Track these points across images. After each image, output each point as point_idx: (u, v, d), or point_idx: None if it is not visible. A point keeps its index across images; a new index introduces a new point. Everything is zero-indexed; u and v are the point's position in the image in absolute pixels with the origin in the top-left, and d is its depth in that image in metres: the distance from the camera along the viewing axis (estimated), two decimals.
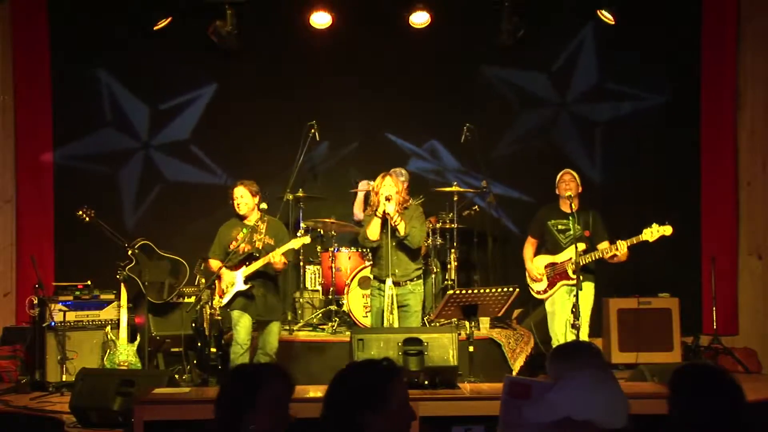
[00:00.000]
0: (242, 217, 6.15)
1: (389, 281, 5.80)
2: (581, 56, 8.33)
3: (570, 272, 5.95)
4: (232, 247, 6.05)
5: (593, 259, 6.01)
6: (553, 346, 6.04)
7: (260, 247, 6.05)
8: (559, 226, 6.13)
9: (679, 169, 8.19)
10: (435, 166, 8.41)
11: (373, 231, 5.86)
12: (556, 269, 6.09)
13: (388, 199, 5.75)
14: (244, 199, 6.09)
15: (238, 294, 6.02)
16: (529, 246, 6.30)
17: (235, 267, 6.06)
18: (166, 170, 8.34)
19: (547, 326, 6.38)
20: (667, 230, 5.94)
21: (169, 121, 8.33)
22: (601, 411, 2.27)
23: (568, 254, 6.01)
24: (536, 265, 6.17)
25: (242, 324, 6.00)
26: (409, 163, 8.21)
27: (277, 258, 5.89)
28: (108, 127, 8.26)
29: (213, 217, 7.20)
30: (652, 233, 5.91)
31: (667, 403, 2.68)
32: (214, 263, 6.17)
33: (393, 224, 5.77)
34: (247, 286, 6.00)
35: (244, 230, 6.08)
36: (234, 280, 6.02)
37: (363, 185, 7.75)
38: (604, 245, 6.05)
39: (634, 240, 5.96)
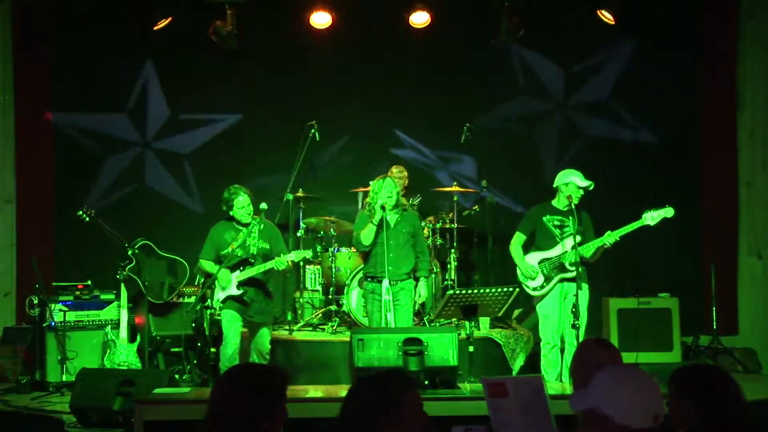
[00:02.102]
0: (237, 222, 6.05)
1: (386, 282, 5.81)
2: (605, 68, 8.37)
3: (567, 264, 5.90)
4: (225, 251, 5.96)
5: (594, 249, 5.93)
6: (543, 349, 6.06)
7: (255, 252, 5.99)
8: (555, 222, 6.07)
9: (679, 169, 8.20)
10: (434, 164, 8.42)
11: (368, 237, 5.89)
12: (552, 263, 6.02)
13: (383, 208, 5.81)
14: (250, 207, 6.00)
15: (229, 297, 5.96)
16: (517, 244, 6.18)
17: (229, 269, 5.98)
18: (150, 174, 8.30)
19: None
20: (669, 212, 5.77)
21: (179, 133, 8.32)
22: (629, 408, 2.25)
23: (562, 248, 5.96)
24: (529, 263, 6.11)
25: (233, 326, 5.95)
26: (409, 162, 8.20)
27: (279, 265, 5.89)
28: (122, 113, 8.26)
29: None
30: (653, 217, 5.77)
31: (666, 403, 2.68)
32: (207, 264, 6.10)
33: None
34: (240, 292, 5.94)
35: (242, 233, 5.99)
36: (228, 283, 5.95)
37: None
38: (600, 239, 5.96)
39: (635, 225, 5.80)
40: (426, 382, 4.91)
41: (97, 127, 8.23)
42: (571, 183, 5.94)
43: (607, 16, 7.82)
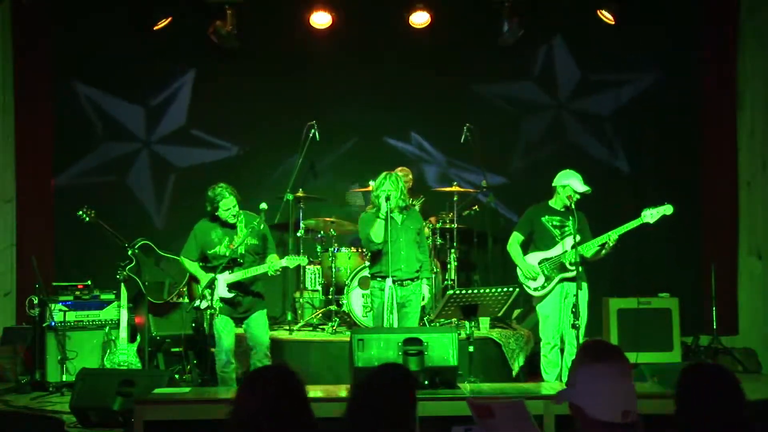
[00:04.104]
0: (224, 223, 5.88)
1: (389, 280, 5.80)
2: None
3: (567, 264, 5.91)
4: (212, 251, 5.86)
5: (595, 248, 5.92)
6: (543, 349, 6.06)
7: (243, 252, 5.87)
8: (554, 222, 6.08)
9: (679, 169, 8.20)
10: (434, 165, 8.42)
11: (378, 233, 5.85)
12: (552, 263, 6.03)
13: (387, 199, 5.78)
14: (236, 208, 5.83)
15: (220, 300, 5.78)
16: (516, 243, 6.20)
17: (213, 269, 5.82)
18: (135, 172, 8.23)
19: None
20: (668, 209, 5.79)
21: (181, 145, 8.28)
22: (597, 402, 2.42)
23: (562, 247, 5.97)
24: (530, 264, 6.12)
25: (225, 330, 5.82)
26: (409, 162, 8.20)
27: (272, 271, 5.82)
28: (142, 106, 8.24)
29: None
30: (652, 215, 5.79)
31: (675, 402, 2.70)
32: (189, 263, 5.94)
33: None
34: (232, 295, 5.83)
35: (242, 233, 5.86)
36: (215, 284, 5.74)
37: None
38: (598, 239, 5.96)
39: (634, 223, 5.81)
40: (426, 382, 4.91)
41: (108, 108, 8.19)
42: (569, 186, 5.95)
43: (607, 16, 7.82)
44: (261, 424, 2.49)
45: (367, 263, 6.80)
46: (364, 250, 6.95)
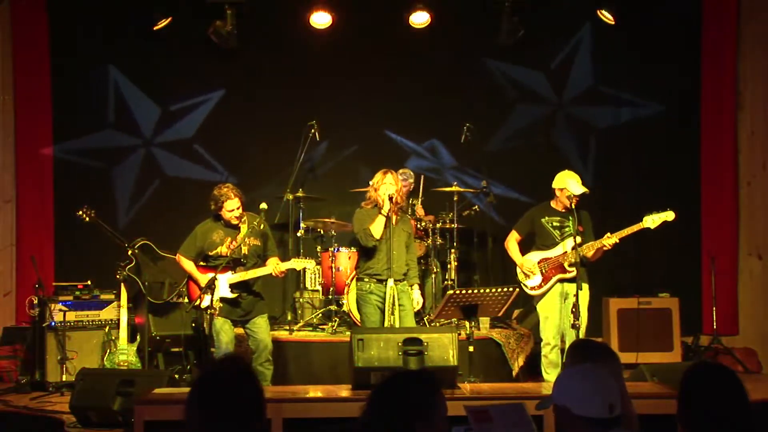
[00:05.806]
0: (227, 223, 5.89)
1: (390, 281, 5.81)
2: (578, 57, 8.36)
3: (566, 265, 5.92)
4: (214, 252, 5.86)
5: (594, 249, 5.93)
6: (544, 349, 6.06)
7: (246, 252, 5.87)
8: (554, 223, 6.08)
9: (679, 169, 8.20)
10: (435, 166, 8.41)
11: (378, 229, 5.87)
12: (551, 263, 6.02)
13: (390, 198, 5.79)
14: (239, 210, 5.82)
15: (221, 300, 5.75)
16: (513, 240, 6.23)
17: (214, 269, 5.80)
18: (121, 168, 8.22)
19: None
20: (669, 216, 5.80)
21: (174, 122, 8.27)
22: (578, 398, 2.47)
23: (563, 248, 5.98)
24: (527, 259, 6.12)
25: (225, 331, 5.80)
26: (410, 163, 8.21)
27: (277, 272, 5.83)
28: (109, 126, 8.23)
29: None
30: (654, 220, 5.80)
31: (677, 402, 2.70)
32: (185, 262, 5.95)
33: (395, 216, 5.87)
34: (234, 296, 5.82)
35: (243, 232, 5.85)
36: (215, 284, 5.67)
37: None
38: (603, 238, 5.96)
39: (635, 228, 5.83)
40: None
41: (129, 99, 8.18)
42: (566, 189, 5.97)
43: (607, 17, 7.82)
44: (210, 422, 2.46)
45: None
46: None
